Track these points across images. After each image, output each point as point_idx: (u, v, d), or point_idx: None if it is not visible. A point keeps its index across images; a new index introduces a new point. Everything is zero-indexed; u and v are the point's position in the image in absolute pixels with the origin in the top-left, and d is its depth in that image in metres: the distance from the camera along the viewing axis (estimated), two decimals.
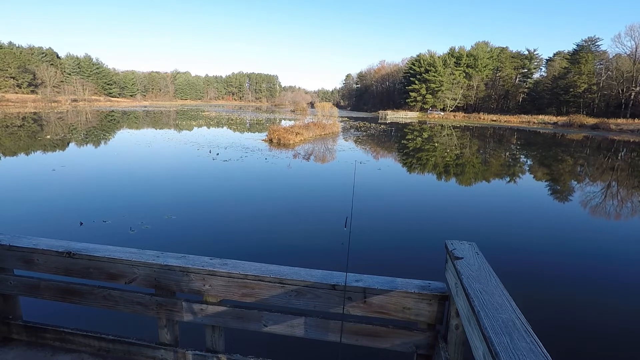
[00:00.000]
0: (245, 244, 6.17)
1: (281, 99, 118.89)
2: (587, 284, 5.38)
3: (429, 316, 1.71)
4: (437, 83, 77.16)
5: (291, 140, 21.15)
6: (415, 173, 15.15)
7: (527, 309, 1.31)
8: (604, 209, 10.21)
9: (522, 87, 79.39)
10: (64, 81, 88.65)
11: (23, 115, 39.44)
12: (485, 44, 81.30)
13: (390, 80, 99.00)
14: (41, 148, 16.76)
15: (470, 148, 25.06)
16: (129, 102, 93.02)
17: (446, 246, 1.68)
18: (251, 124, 38.50)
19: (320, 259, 5.55)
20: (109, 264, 1.96)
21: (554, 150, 25.64)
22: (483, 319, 1.06)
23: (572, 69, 65.25)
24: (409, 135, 33.64)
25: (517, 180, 13.98)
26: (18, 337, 2.24)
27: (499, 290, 1.26)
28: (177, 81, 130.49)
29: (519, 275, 5.42)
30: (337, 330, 1.77)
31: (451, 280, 1.58)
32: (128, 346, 2.08)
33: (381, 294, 1.72)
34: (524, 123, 58.19)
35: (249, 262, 1.91)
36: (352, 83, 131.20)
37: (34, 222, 6.80)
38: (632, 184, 14.28)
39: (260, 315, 1.86)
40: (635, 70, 57.59)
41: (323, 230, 7.10)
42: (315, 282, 1.76)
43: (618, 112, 58.46)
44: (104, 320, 3.53)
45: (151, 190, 9.43)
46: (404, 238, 6.98)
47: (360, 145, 23.32)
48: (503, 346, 0.92)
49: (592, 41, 67.37)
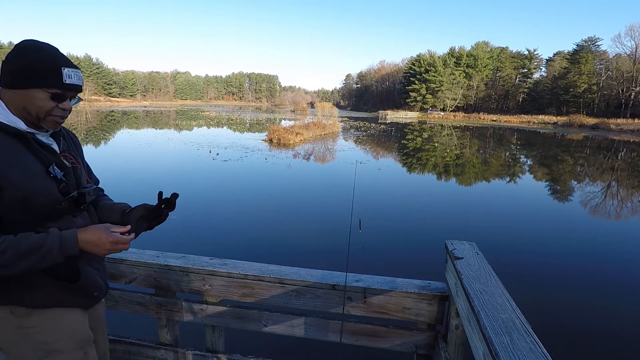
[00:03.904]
0: (245, 244, 6.17)
1: (281, 99, 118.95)
2: (587, 284, 5.38)
3: (429, 316, 1.71)
4: (437, 83, 77.16)
5: (291, 140, 21.15)
6: (415, 173, 15.15)
7: (527, 309, 1.31)
8: (604, 209, 10.22)
9: (522, 87, 79.40)
10: None
11: None
12: (485, 44, 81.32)
13: (390, 80, 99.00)
14: None
15: (470, 148, 25.07)
16: (129, 102, 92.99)
17: (446, 246, 1.68)
18: (251, 124, 38.51)
19: (321, 258, 5.55)
20: (109, 264, 1.96)
21: (554, 151, 25.64)
22: (483, 319, 1.06)
23: (572, 69, 65.23)
24: (409, 135, 33.65)
25: (517, 181, 13.99)
26: None
27: (499, 290, 1.26)
28: (177, 81, 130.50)
29: (519, 275, 5.42)
30: (337, 330, 1.77)
31: (451, 280, 1.58)
32: (128, 346, 2.08)
33: (381, 294, 1.72)
34: (524, 123, 58.19)
35: (249, 262, 1.91)
36: (352, 83, 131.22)
37: None
38: (632, 184, 14.28)
39: (260, 315, 1.86)
40: (635, 70, 57.60)
41: (323, 229, 7.10)
42: (315, 282, 1.76)
43: (618, 112, 58.45)
44: None
45: (151, 190, 9.32)
46: (404, 238, 6.98)
47: (361, 145, 23.33)
48: (503, 346, 0.92)
49: (592, 41, 67.37)
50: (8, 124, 1.05)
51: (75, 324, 1.24)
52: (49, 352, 1.16)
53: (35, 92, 1.06)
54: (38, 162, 1.09)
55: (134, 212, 1.29)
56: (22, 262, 1.00)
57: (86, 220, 1.24)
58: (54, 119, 1.11)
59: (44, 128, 1.13)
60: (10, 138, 1.05)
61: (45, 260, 1.03)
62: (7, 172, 1.01)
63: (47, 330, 1.16)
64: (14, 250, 0.98)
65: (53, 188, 1.11)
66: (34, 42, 1.09)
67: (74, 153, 1.29)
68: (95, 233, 1.09)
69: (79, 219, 1.20)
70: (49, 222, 1.10)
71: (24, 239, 1.01)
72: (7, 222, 1.04)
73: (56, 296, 1.17)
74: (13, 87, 1.06)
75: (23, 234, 1.03)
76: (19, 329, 1.13)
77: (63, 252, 1.05)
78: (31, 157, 1.08)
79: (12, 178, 1.01)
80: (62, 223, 1.14)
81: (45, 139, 1.15)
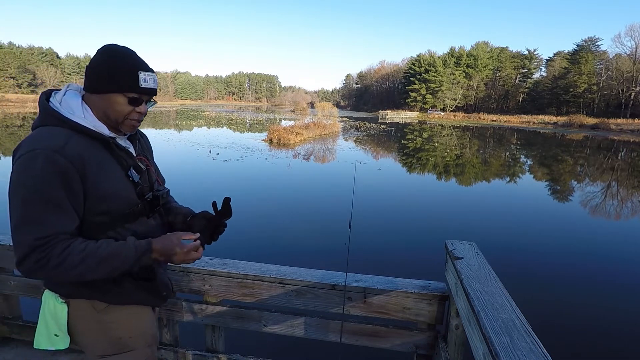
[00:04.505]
0: (245, 244, 6.16)
1: (281, 99, 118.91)
2: (587, 284, 5.38)
3: (429, 316, 1.71)
4: (437, 83, 77.16)
5: (291, 140, 21.15)
6: (415, 173, 15.15)
7: (527, 309, 1.31)
8: (604, 209, 10.22)
9: (522, 87, 79.40)
10: (64, 81, 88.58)
11: (23, 115, 39.45)
12: (485, 44, 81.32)
13: (390, 80, 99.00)
14: None
15: (470, 148, 25.07)
16: None
17: (446, 246, 1.68)
18: (251, 124, 38.51)
19: (321, 258, 5.54)
20: None
21: (553, 151, 25.64)
22: (483, 319, 1.06)
23: (572, 69, 65.23)
24: (409, 135, 33.65)
25: (517, 181, 13.99)
26: (18, 337, 2.23)
27: (499, 290, 1.26)
28: (177, 81, 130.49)
29: (519, 275, 5.42)
30: (337, 330, 1.77)
31: (451, 280, 1.58)
32: None
33: (381, 294, 1.72)
34: (524, 123, 58.18)
35: (249, 262, 1.91)
36: (352, 83, 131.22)
37: None
38: (632, 184, 14.28)
39: (260, 315, 1.86)
40: (635, 70, 57.61)
41: (323, 229, 7.10)
42: (315, 282, 1.76)
43: (618, 112, 58.46)
44: None
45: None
46: (404, 238, 6.98)
47: (360, 145, 23.33)
48: (503, 346, 0.92)
49: (592, 41, 67.37)
50: (93, 129, 1.09)
51: (147, 322, 1.29)
52: (122, 348, 1.21)
53: (115, 97, 1.09)
54: (119, 165, 1.14)
55: (196, 223, 1.33)
56: (100, 268, 1.05)
57: (158, 221, 1.28)
58: (131, 123, 1.15)
59: (122, 132, 1.17)
60: (96, 143, 1.10)
61: (121, 268, 1.08)
62: (95, 176, 1.06)
63: (123, 326, 1.21)
64: (95, 257, 1.03)
65: (131, 191, 1.16)
66: (113, 46, 1.12)
67: (147, 155, 1.33)
68: (168, 244, 1.12)
69: (152, 220, 1.25)
70: (126, 223, 1.15)
71: (104, 245, 1.06)
72: (89, 222, 1.09)
73: (133, 294, 1.21)
74: (95, 91, 1.10)
75: (103, 240, 1.08)
76: (98, 323, 1.18)
77: (139, 262, 1.10)
78: (113, 161, 1.13)
79: (99, 181, 1.07)
80: (137, 224, 1.18)
81: (124, 142, 1.20)
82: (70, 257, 1.01)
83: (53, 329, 1.18)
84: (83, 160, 1.04)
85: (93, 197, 1.06)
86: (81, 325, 1.18)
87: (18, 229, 1.00)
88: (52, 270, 1.00)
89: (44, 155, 1.00)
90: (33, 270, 1.01)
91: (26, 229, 0.99)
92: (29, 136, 1.07)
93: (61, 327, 1.17)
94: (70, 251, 1.01)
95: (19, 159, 1.02)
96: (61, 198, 1.01)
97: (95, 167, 1.07)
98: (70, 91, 1.13)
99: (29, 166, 1.00)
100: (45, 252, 0.99)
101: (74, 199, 1.04)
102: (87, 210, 1.07)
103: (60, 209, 1.02)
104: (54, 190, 1.00)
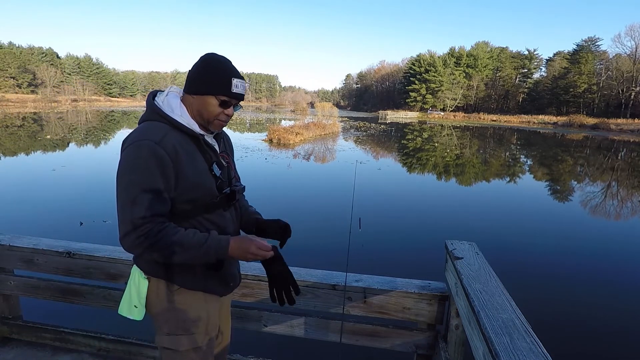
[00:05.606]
0: None
1: (281, 99, 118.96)
2: (588, 284, 5.38)
3: (429, 316, 1.71)
4: (437, 83, 77.17)
5: (291, 140, 21.15)
6: (415, 173, 15.15)
7: (527, 309, 1.31)
8: (604, 209, 10.22)
9: (522, 87, 79.42)
10: (64, 81, 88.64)
11: (23, 115, 39.46)
12: (485, 44, 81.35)
13: (390, 80, 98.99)
14: (41, 148, 16.76)
15: (470, 148, 25.07)
16: (129, 102, 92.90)
17: (446, 246, 1.68)
18: (251, 124, 38.51)
19: (320, 258, 5.54)
20: (109, 263, 1.96)
21: (553, 150, 25.65)
22: (483, 319, 1.06)
23: (572, 69, 65.26)
24: (409, 135, 33.65)
25: (517, 180, 13.99)
26: (18, 337, 2.24)
27: (499, 290, 1.26)
28: (177, 81, 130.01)
29: (519, 275, 5.42)
30: (337, 330, 1.77)
31: (451, 280, 1.58)
32: (128, 346, 2.08)
33: (381, 294, 1.72)
34: (524, 123, 58.19)
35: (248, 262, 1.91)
36: (352, 83, 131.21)
37: (34, 222, 6.80)
38: (632, 184, 14.28)
39: (260, 315, 1.86)
40: (635, 70, 57.62)
41: (323, 229, 7.10)
42: (315, 282, 1.76)
43: (618, 112, 58.47)
44: (104, 320, 3.52)
45: None
46: (404, 238, 6.98)
47: (361, 145, 23.33)
48: (503, 346, 0.92)
49: (592, 41, 67.37)
50: (187, 126, 1.22)
51: (211, 309, 1.36)
52: (185, 330, 1.28)
53: (209, 99, 1.22)
54: (204, 160, 1.26)
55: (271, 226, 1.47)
56: (186, 254, 1.16)
57: (232, 214, 1.38)
58: (219, 123, 1.27)
59: (210, 130, 1.29)
60: (188, 138, 1.23)
61: (202, 258, 1.19)
62: (185, 167, 1.18)
63: (189, 310, 1.29)
64: (183, 243, 1.15)
65: (213, 184, 1.27)
66: (213, 55, 1.25)
67: (229, 153, 1.46)
68: (243, 243, 1.22)
69: (227, 213, 1.35)
70: (205, 213, 1.26)
71: (191, 234, 1.17)
72: (177, 209, 1.20)
73: (202, 281, 1.30)
74: (192, 92, 1.24)
75: (189, 229, 1.19)
76: (170, 302, 1.28)
77: (217, 255, 1.20)
78: (200, 156, 1.25)
79: (188, 172, 1.19)
80: (215, 215, 1.29)
81: (210, 140, 1.32)
82: (164, 239, 1.12)
83: (134, 299, 1.30)
84: (177, 152, 1.17)
85: (182, 186, 1.18)
86: (156, 302, 1.28)
87: (123, 208, 1.13)
88: (147, 248, 1.12)
89: (146, 146, 1.13)
90: (133, 247, 1.13)
91: (130, 209, 1.11)
92: (135, 129, 1.22)
93: (141, 300, 1.28)
94: (165, 233, 1.13)
95: (127, 148, 1.16)
96: (160, 184, 1.14)
97: (186, 159, 1.19)
98: (172, 92, 1.28)
99: (135, 155, 1.13)
100: (144, 231, 1.11)
101: (168, 185, 1.15)
102: (175, 197, 1.18)
103: (159, 194, 1.14)
104: (154, 177, 1.13)
